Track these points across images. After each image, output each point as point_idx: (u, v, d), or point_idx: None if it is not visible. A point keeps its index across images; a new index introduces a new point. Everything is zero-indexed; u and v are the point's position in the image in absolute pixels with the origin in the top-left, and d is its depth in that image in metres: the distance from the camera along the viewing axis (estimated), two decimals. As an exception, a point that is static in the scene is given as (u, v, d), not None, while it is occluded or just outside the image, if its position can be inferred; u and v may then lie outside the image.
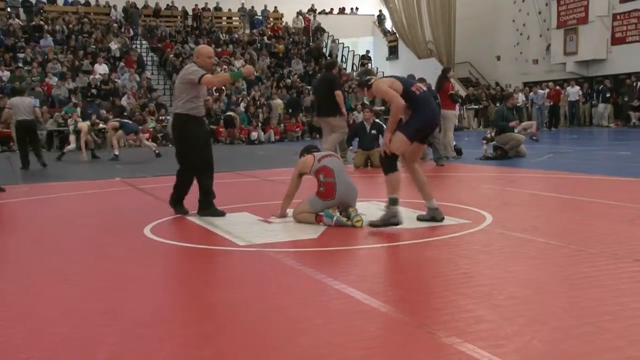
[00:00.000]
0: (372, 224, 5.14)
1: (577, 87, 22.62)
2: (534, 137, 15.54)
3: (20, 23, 25.77)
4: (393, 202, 5.06)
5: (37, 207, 7.57)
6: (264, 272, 3.99)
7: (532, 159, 11.10)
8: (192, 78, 5.84)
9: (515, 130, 11.93)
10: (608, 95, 21.93)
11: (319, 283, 3.63)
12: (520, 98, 21.92)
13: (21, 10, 26.84)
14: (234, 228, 5.38)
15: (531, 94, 23.24)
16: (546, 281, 3.57)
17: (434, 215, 5.32)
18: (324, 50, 29.96)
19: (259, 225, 5.55)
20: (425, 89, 5.31)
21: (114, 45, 25.02)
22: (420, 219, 5.39)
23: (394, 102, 5.04)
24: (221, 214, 6.01)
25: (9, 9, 26.59)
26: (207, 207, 6.06)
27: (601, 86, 22.27)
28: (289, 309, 3.18)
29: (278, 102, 22.94)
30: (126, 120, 16.07)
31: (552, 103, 22.60)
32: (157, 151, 14.57)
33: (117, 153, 14.31)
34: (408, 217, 5.66)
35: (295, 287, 3.62)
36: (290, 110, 23.27)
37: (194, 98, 5.95)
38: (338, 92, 10.22)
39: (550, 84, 23.27)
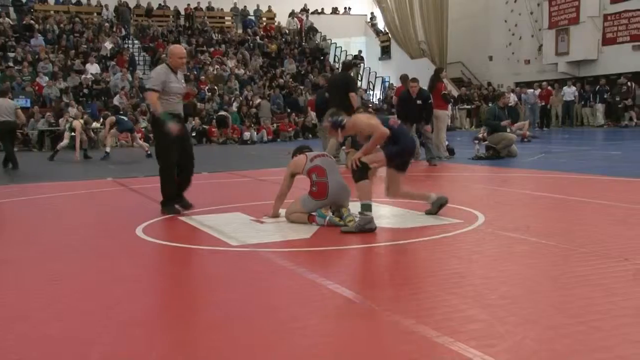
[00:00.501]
0: (346, 232, 5.01)
1: (574, 88, 22.70)
2: (526, 139, 15.62)
3: (11, 22, 25.57)
4: (366, 207, 4.99)
5: (29, 207, 7.53)
6: (257, 272, 3.99)
7: (524, 159, 11.14)
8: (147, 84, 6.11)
9: (508, 130, 11.97)
10: (605, 95, 22.03)
11: (311, 283, 3.63)
12: (513, 98, 21.98)
13: (11, 9, 26.66)
14: (226, 228, 5.37)
15: (522, 94, 23.31)
16: (538, 280, 3.59)
17: (440, 203, 5.55)
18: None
19: (251, 225, 5.55)
20: (400, 121, 5.54)
21: (108, 45, 24.89)
22: (428, 213, 5.57)
23: (378, 131, 5.10)
24: (189, 206, 6.22)
25: (-1, 8, 26.45)
26: (178, 199, 6.23)
27: (598, 86, 22.35)
28: (281, 309, 3.18)
29: (264, 103, 22.88)
30: (123, 117, 16.04)
31: (543, 103, 22.69)
32: (148, 151, 14.51)
33: (108, 150, 14.24)
34: (402, 216, 5.68)
35: (288, 287, 3.62)
36: (289, 110, 23.23)
37: (165, 96, 6.09)
38: (353, 95, 10.32)
39: (544, 83, 23.37)
